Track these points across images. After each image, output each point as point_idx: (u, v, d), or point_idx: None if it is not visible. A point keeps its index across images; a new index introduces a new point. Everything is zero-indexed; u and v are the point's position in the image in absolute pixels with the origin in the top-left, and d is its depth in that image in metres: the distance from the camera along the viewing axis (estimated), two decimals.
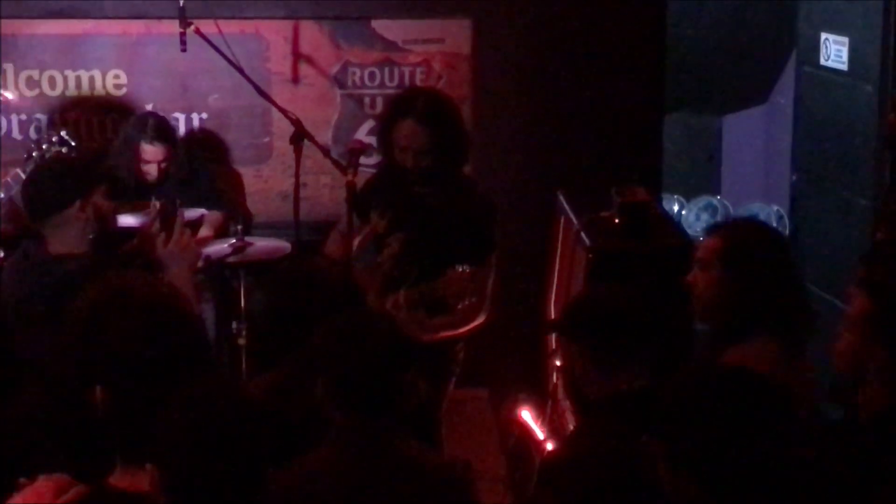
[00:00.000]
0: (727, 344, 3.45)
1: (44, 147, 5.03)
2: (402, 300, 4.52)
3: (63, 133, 4.96)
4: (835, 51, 6.13)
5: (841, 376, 3.48)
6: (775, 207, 6.88)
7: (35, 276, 3.96)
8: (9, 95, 6.02)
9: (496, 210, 4.80)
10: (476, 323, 4.74)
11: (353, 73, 6.19)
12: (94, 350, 2.62)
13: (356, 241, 4.68)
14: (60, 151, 5.13)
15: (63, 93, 6.13)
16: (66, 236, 4.00)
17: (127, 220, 4.88)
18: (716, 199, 7.04)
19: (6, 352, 3.32)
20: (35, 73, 6.12)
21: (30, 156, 5.08)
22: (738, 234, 3.62)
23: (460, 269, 4.40)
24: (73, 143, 5.22)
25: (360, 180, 4.72)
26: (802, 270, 6.27)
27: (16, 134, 6.14)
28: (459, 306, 4.47)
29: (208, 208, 5.73)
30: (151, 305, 2.66)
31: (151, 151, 5.68)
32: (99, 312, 2.66)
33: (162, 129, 5.72)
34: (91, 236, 4.01)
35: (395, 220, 4.62)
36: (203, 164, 6.01)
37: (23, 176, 4.52)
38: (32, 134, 6.07)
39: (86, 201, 4.01)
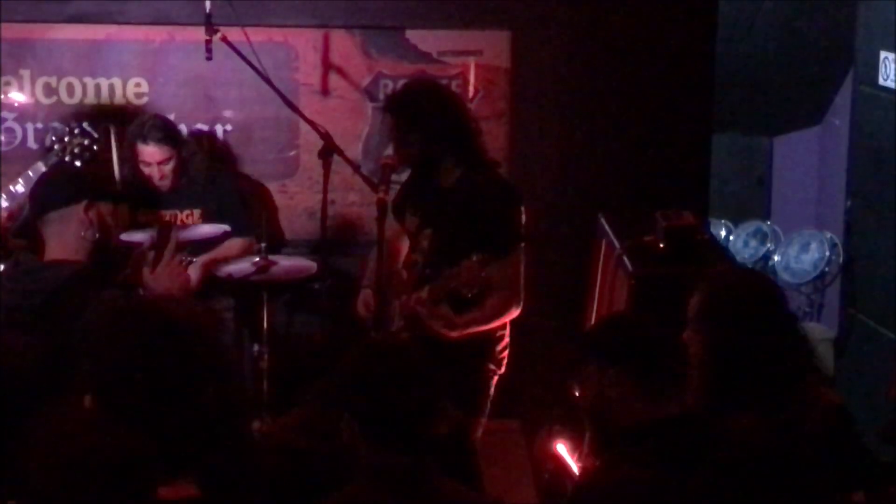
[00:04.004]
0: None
1: (65, 139, 5.00)
2: (426, 295, 4.53)
3: (85, 124, 4.95)
4: (894, 70, 6.15)
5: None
6: (828, 234, 6.87)
7: (25, 283, 3.95)
8: (21, 98, 6.02)
9: (519, 199, 4.78)
10: (510, 315, 4.72)
11: (386, 86, 6.11)
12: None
13: (401, 262, 4.79)
14: (83, 143, 5.14)
15: (82, 101, 6.10)
16: (66, 237, 3.99)
17: (134, 236, 4.85)
18: (765, 225, 7.06)
19: None
20: (53, 80, 6.10)
21: (51, 147, 5.08)
22: (715, 288, 3.49)
23: (473, 259, 4.39)
24: (95, 135, 5.22)
25: (391, 197, 4.76)
26: (853, 300, 6.27)
27: (31, 143, 6.10)
28: (469, 295, 4.45)
29: (231, 223, 5.67)
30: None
31: (148, 152, 5.61)
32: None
33: (159, 129, 5.65)
34: (90, 244, 4.02)
35: (423, 217, 4.72)
36: (226, 175, 5.96)
37: (43, 168, 4.62)
38: (48, 143, 5.87)
39: (91, 204, 4.02)
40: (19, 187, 4.73)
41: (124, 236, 4.59)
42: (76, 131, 4.76)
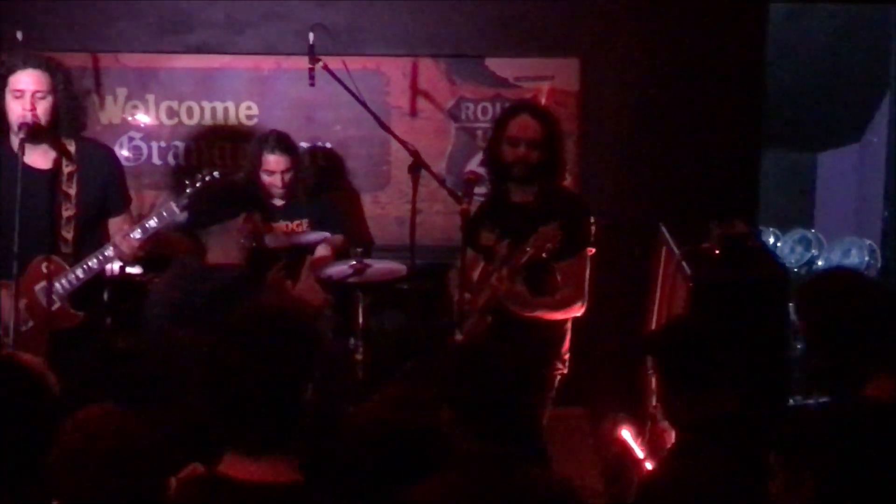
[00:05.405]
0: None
1: (197, 185, 4.88)
2: (505, 273, 4.67)
3: (216, 173, 4.90)
4: None
5: None
6: (868, 241, 6.80)
7: (193, 284, 4.26)
8: (146, 119, 6.18)
9: (588, 209, 4.91)
10: (574, 311, 4.82)
11: (467, 108, 6.32)
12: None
13: (476, 274, 4.87)
14: None
15: (199, 122, 6.30)
16: (227, 244, 4.32)
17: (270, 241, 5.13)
18: (810, 232, 6.96)
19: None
20: (174, 104, 6.31)
21: (184, 190, 4.95)
22: (813, 288, 3.36)
23: (552, 224, 4.59)
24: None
25: (473, 209, 4.88)
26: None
27: (156, 160, 6.34)
28: (545, 255, 4.58)
29: (331, 230, 5.84)
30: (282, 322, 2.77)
31: (274, 161, 5.72)
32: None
33: (283, 141, 5.76)
34: (247, 251, 4.33)
35: (502, 231, 4.80)
36: (327, 187, 6.11)
37: (176, 209, 4.70)
38: (170, 160, 6.32)
39: (249, 216, 4.37)
40: (152, 223, 4.75)
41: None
42: (207, 178, 4.80)
